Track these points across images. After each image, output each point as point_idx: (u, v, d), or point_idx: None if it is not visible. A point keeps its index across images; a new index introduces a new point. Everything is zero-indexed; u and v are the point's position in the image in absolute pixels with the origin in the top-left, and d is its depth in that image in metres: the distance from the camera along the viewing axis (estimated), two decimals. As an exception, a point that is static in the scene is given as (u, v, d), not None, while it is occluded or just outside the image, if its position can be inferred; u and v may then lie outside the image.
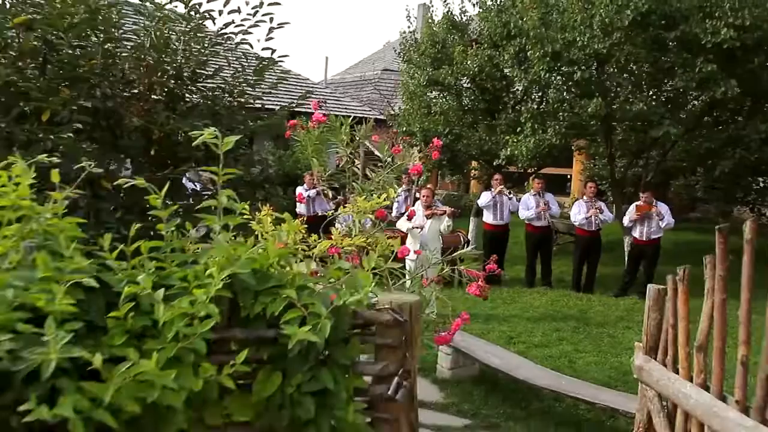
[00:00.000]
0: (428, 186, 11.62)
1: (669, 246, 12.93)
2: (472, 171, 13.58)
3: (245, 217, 3.58)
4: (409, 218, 8.25)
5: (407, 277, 4.53)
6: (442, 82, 11.36)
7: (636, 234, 9.42)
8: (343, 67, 35.36)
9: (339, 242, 3.15)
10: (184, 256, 1.94)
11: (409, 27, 12.36)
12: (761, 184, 12.38)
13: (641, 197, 9.39)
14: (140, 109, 4.90)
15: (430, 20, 12.33)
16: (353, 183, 3.27)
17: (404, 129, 11.64)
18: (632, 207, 9.43)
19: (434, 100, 11.83)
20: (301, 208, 10.35)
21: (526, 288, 10.11)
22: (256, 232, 3.03)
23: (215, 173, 2.09)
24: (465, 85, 11.95)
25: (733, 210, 14.15)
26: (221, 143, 1.98)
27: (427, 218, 8.06)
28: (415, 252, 7.48)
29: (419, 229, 7.96)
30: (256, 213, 3.24)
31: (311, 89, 16.63)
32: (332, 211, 11.78)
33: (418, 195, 11.82)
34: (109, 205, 4.78)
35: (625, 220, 9.50)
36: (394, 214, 13.04)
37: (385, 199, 2.99)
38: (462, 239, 10.87)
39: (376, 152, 23.38)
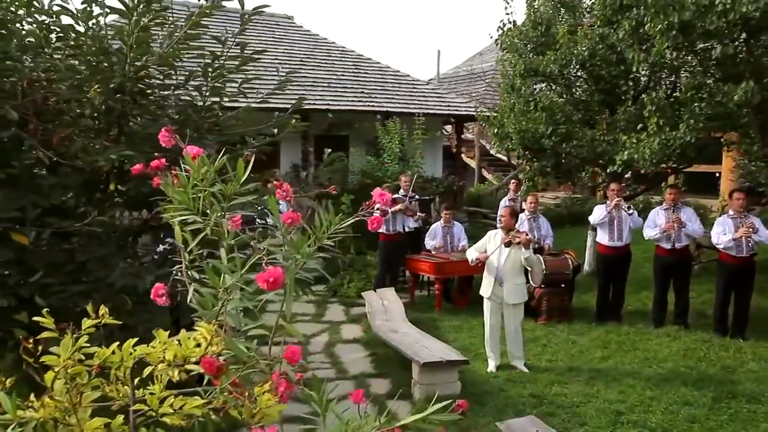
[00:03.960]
0: (532, 195, 9.69)
1: None
2: (597, 175, 11.35)
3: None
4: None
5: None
6: (543, 72, 9.35)
7: None
8: (460, 60, 33.42)
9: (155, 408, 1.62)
10: None
11: (506, 8, 10.43)
12: None
13: None
14: (58, 135, 3.67)
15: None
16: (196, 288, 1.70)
17: (496, 131, 9.74)
18: None
19: (537, 94, 9.82)
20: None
21: (653, 328, 7.91)
22: None
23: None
24: (576, 73, 9.84)
25: None
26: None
27: (506, 246, 6.29)
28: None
29: (489, 262, 6.31)
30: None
31: (413, 88, 15.15)
32: (417, 226, 9.68)
33: (523, 205, 9.88)
34: (21, 268, 3.61)
35: None
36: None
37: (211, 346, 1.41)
38: (570, 263, 8.84)
39: (493, 152, 21.23)
